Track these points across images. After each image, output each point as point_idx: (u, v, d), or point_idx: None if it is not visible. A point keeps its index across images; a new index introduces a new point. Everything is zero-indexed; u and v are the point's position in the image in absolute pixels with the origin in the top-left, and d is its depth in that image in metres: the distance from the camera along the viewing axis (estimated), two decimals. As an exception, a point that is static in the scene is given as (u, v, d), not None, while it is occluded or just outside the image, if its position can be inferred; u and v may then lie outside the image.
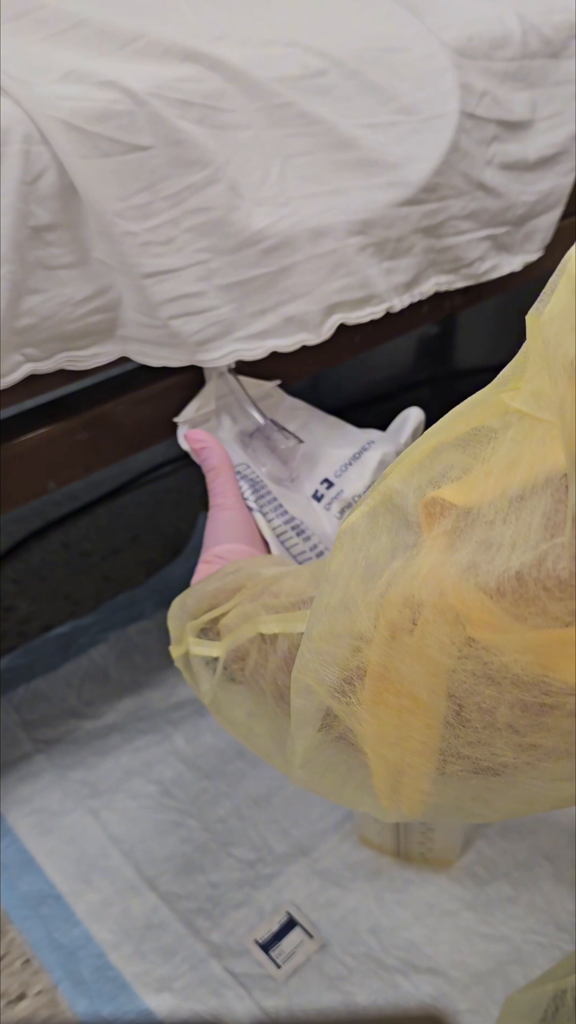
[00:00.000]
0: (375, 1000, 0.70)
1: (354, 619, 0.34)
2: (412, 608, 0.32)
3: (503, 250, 0.74)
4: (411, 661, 0.32)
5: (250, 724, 0.50)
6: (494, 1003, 0.69)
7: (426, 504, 0.32)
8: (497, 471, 0.30)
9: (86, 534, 1.25)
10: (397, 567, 0.33)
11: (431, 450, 0.33)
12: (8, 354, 0.54)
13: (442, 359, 1.68)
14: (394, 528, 0.34)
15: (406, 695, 0.34)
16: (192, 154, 0.54)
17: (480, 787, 0.35)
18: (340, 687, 0.36)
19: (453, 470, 0.32)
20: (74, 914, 0.76)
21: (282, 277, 0.59)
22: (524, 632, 0.28)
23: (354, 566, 0.35)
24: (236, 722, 0.52)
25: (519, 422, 0.30)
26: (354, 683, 0.35)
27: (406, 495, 0.33)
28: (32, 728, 0.93)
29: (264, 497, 0.62)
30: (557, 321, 0.28)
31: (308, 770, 0.43)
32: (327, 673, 0.37)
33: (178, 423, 0.64)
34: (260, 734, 0.49)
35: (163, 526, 1.25)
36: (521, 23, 0.69)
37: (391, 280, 0.65)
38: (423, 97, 0.63)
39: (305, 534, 0.63)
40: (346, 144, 0.60)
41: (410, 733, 0.35)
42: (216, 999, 0.70)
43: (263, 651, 0.46)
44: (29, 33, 0.57)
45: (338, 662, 0.36)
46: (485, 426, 0.31)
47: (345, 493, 0.67)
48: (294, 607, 0.45)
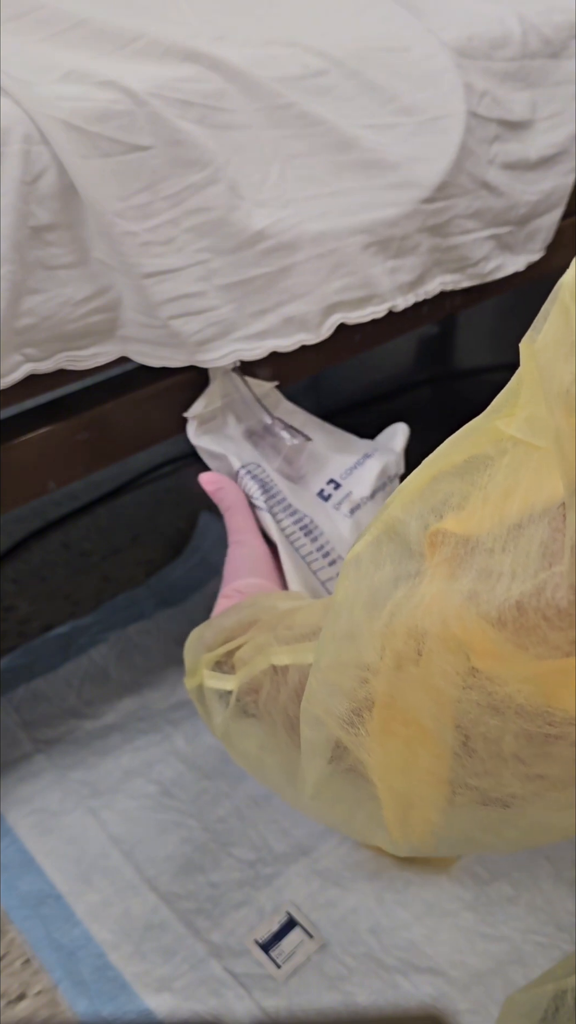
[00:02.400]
0: (375, 1000, 0.70)
1: (360, 649, 0.35)
2: (416, 638, 0.32)
3: (507, 250, 0.74)
4: (417, 691, 0.33)
5: (261, 757, 0.50)
6: (494, 1003, 0.69)
7: (431, 535, 0.32)
8: (494, 499, 0.30)
9: (86, 534, 1.25)
10: (401, 596, 0.33)
11: (430, 479, 0.34)
12: (8, 354, 0.54)
13: (442, 359, 1.68)
14: (397, 557, 0.34)
15: (413, 725, 0.34)
16: (192, 154, 0.54)
17: (490, 818, 0.36)
18: (348, 717, 0.37)
19: (453, 498, 0.32)
20: (74, 914, 0.76)
21: (282, 277, 0.59)
22: (526, 661, 0.28)
23: (359, 595, 0.35)
24: (248, 755, 0.52)
25: (514, 449, 0.30)
26: (362, 713, 0.36)
27: (408, 524, 0.34)
28: (32, 728, 0.93)
29: (274, 497, 0.62)
30: (551, 348, 0.28)
31: (319, 801, 0.43)
32: (335, 703, 0.37)
33: (188, 418, 0.64)
34: (271, 767, 0.49)
35: (163, 526, 1.25)
36: (521, 23, 0.69)
37: (395, 279, 0.65)
38: (423, 98, 0.63)
39: (312, 535, 0.63)
40: (346, 145, 0.60)
41: (418, 763, 0.35)
42: (216, 999, 0.70)
43: (275, 683, 0.46)
44: (29, 33, 0.57)
45: (345, 692, 0.36)
46: (482, 454, 0.32)
47: (354, 494, 0.67)
48: (305, 638, 0.45)
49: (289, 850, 0.80)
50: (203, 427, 0.64)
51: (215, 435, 0.64)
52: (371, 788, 0.38)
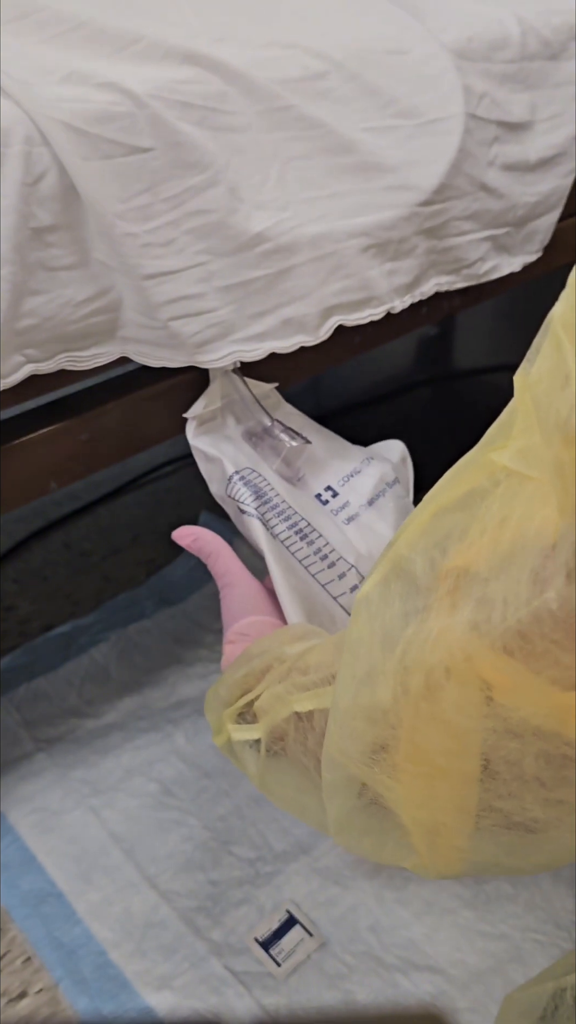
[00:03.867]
0: (375, 998, 0.70)
1: (376, 690, 0.35)
2: (426, 674, 0.32)
3: (503, 251, 0.74)
4: (433, 727, 0.33)
5: (300, 800, 0.50)
6: (493, 1001, 0.69)
7: (442, 573, 0.33)
8: (491, 529, 0.31)
9: (87, 534, 1.25)
10: (410, 634, 0.33)
11: (432, 515, 0.34)
12: (9, 355, 0.54)
13: (441, 360, 1.68)
14: (405, 594, 0.34)
15: (432, 759, 0.34)
16: (192, 156, 0.54)
17: (515, 844, 0.36)
18: (367, 758, 0.37)
19: (455, 531, 0.32)
20: (75, 912, 0.77)
21: (281, 280, 0.59)
22: (539, 687, 0.29)
23: (372, 635, 0.36)
24: (287, 799, 0.52)
25: (507, 479, 0.31)
26: (380, 753, 0.36)
27: (414, 560, 0.34)
28: (33, 727, 0.94)
29: (267, 503, 0.62)
30: (545, 380, 0.29)
31: (345, 835, 0.43)
32: (353, 746, 0.37)
33: (187, 418, 0.64)
34: (311, 807, 0.49)
35: (163, 526, 1.26)
36: (520, 25, 0.69)
37: (393, 281, 0.65)
38: (422, 101, 0.63)
39: (308, 538, 0.63)
40: (345, 148, 0.60)
41: (439, 795, 0.35)
42: (216, 997, 0.70)
43: (300, 729, 0.46)
44: (30, 35, 0.58)
45: (363, 734, 0.37)
46: (479, 486, 0.32)
47: (352, 504, 0.67)
48: (325, 682, 0.45)
49: (289, 849, 0.80)
50: (202, 427, 0.64)
51: (213, 436, 0.64)
52: (396, 818, 0.38)
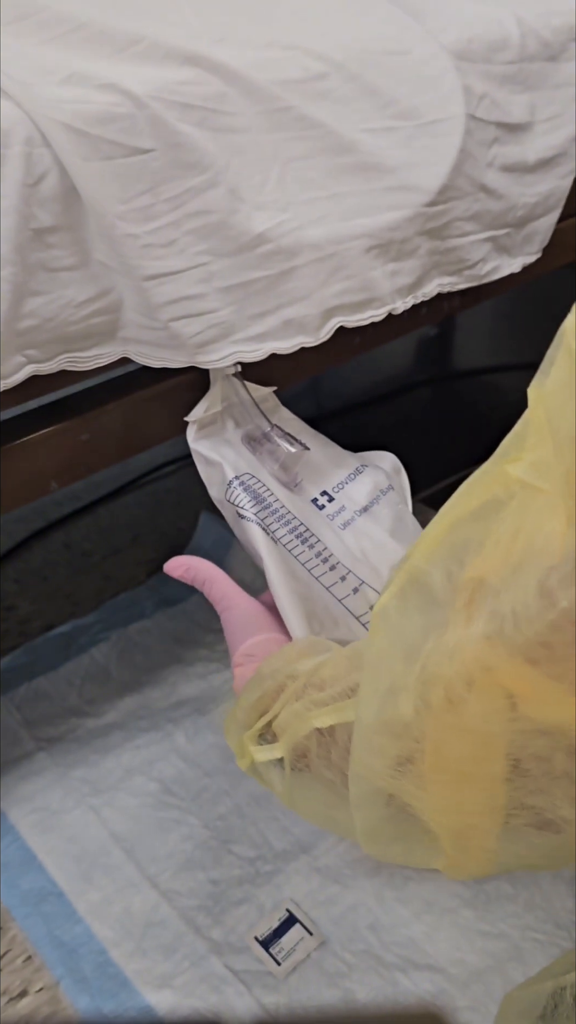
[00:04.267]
0: (374, 997, 0.70)
1: (398, 704, 0.35)
2: (446, 687, 0.33)
3: (503, 252, 0.74)
4: (458, 736, 0.33)
5: (329, 813, 0.50)
6: (493, 1000, 0.69)
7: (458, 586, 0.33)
8: (504, 541, 0.31)
9: (87, 534, 1.26)
10: (429, 647, 0.34)
11: (448, 527, 0.35)
12: (10, 356, 0.54)
13: (441, 360, 1.68)
14: (423, 607, 0.35)
15: (458, 766, 0.34)
16: (192, 157, 0.54)
17: (545, 845, 0.36)
18: (393, 771, 0.37)
19: (472, 543, 0.33)
20: (75, 911, 0.77)
21: (281, 280, 0.59)
22: (562, 693, 0.29)
23: (392, 649, 0.36)
24: (317, 815, 0.52)
25: (521, 491, 0.31)
26: (406, 765, 0.36)
27: (431, 573, 0.34)
28: (33, 726, 0.94)
29: (267, 508, 0.62)
30: (559, 393, 0.29)
31: (374, 844, 0.44)
32: (379, 761, 0.38)
33: (188, 422, 0.64)
34: (340, 820, 0.49)
35: (164, 526, 1.26)
36: (520, 26, 0.69)
37: (395, 282, 0.65)
38: (422, 102, 0.63)
39: (309, 542, 0.63)
40: (345, 149, 0.60)
41: (468, 797, 0.35)
42: (216, 996, 0.70)
43: (323, 744, 0.46)
44: (30, 35, 0.58)
45: (388, 749, 0.37)
46: (494, 498, 0.32)
47: (347, 509, 0.67)
48: (343, 695, 0.46)
49: (289, 847, 0.80)
50: (203, 431, 0.65)
51: (214, 440, 0.64)
52: (424, 824, 0.39)
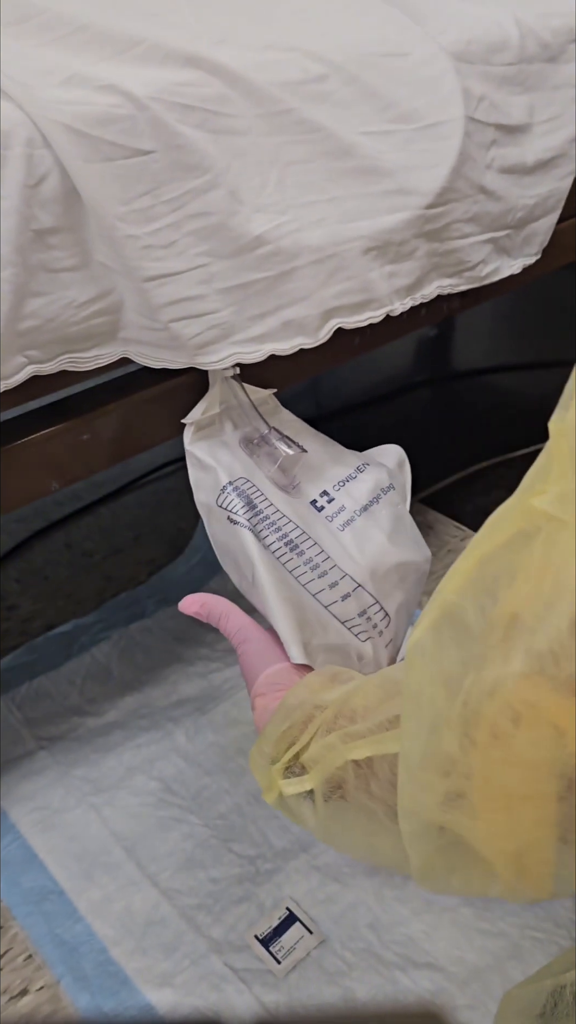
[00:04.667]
0: (374, 995, 0.70)
1: (443, 740, 0.35)
2: (491, 726, 0.33)
3: (503, 253, 0.74)
4: (508, 768, 0.33)
5: (369, 842, 0.49)
6: (492, 999, 0.69)
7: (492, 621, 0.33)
8: (535, 575, 0.31)
9: (88, 534, 1.26)
10: (469, 683, 0.34)
11: (478, 562, 0.35)
12: (11, 356, 0.55)
13: (440, 361, 1.68)
14: (459, 640, 0.35)
15: (510, 792, 0.34)
16: (192, 159, 0.54)
17: None
18: (444, 807, 0.37)
19: (503, 577, 0.33)
20: (76, 910, 0.77)
21: (281, 282, 0.59)
22: None
23: (432, 683, 0.36)
24: (354, 844, 0.52)
25: (548, 524, 0.31)
26: (457, 800, 0.36)
27: (464, 607, 0.35)
28: (35, 726, 0.94)
29: (259, 514, 0.62)
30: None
31: (431, 879, 0.43)
32: (429, 798, 0.38)
33: (186, 424, 0.64)
34: (383, 850, 0.49)
35: (164, 526, 1.26)
36: (519, 27, 0.69)
37: (393, 284, 0.65)
38: (422, 104, 0.64)
39: (299, 549, 0.63)
40: (343, 152, 0.60)
41: (522, 820, 0.35)
42: (217, 994, 0.71)
43: (361, 775, 0.46)
44: (31, 37, 0.58)
45: (437, 786, 0.37)
46: (521, 532, 0.33)
47: (347, 508, 0.67)
48: (380, 728, 0.45)
49: (289, 846, 0.81)
50: (200, 433, 0.64)
51: (210, 443, 0.64)
52: (478, 853, 0.38)
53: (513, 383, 1.55)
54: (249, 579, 0.61)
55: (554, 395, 0.34)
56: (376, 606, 0.64)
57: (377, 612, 0.64)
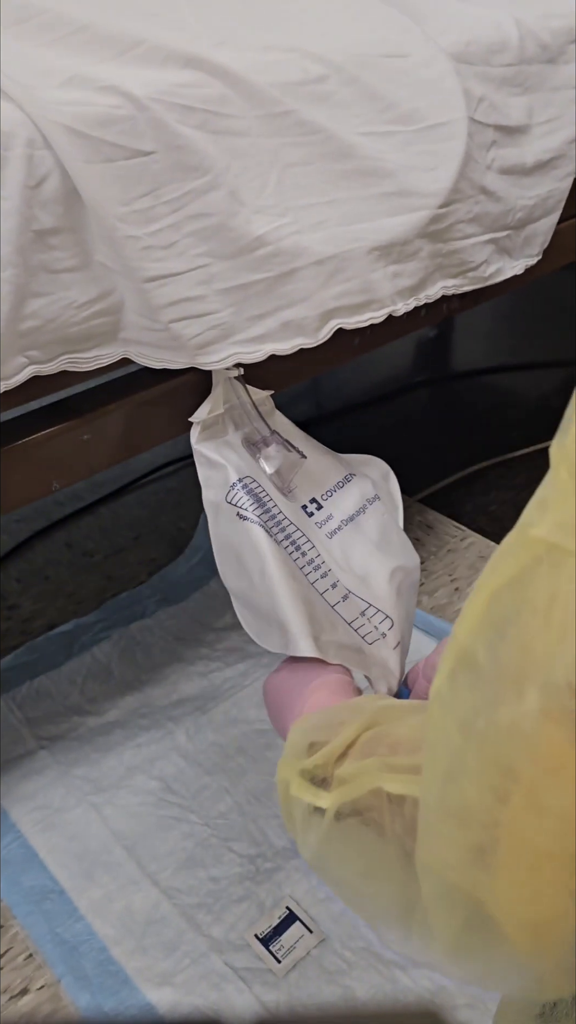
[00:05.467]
0: (374, 994, 0.70)
1: (462, 790, 0.35)
2: (506, 771, 0.32)
3: (505, 253, 0.75)
4: (537, 818, 0.32)
5: (360, 886, 0.48)
6: (491, 998, 0.69)
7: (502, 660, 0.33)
8: (541, 608, 0.31)
9: (89, 533, 1.26)
10: (482, 727, 0.33)
11: (487, 601, 0.34)
12: (12, 356, 0.55)
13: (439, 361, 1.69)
14: (472, 685, 0.34)
15: (535, 847, 0.33)
16: (193, 160, 0.54)
17: None
18: (466, 864, 0.36)
19: (510, 615, 0.32)
20: (76, 909, 0.77)
21: (280, 283, 0.59)
22: None
23: (447, 731, 0.36)
24: (343, 883, 0.50)
25: (549, 554, 0.31)
26: (479, 855, 0.35)
27: (475, 649, 0.34)
28: (35, 725, 0.94)
29: (268, 512, 0.63)
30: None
31: (460, 958, 0.42)
32: (451, 852, 0.37)
33: (192, 422, 0.64)
34: (374, 897, 0.47)
35: (165, 526, 1.26)
36: (519, 29, 0.69)
37: (396, 284, 0.65)
38: (422, 105, 0.64)
39: (302, 548, 0.63)
40: (343, 154, 0.60)
41: (545, 884, 0.34)
42: (217, 993, 0.71)
43: (391, 812, 0.45)
44: (31, 38, 0.58)
45: (457, 838, 0.36)
46: (525, 565, 0.32)
47: (334, 518, 0.68)
48: (417, 770, 0.44)
49: (289, 845, 0.81)
50: (206, 432, 0.65)
51: (216, 442, 0.65)
52: (501, 928, 0.37)
53: (513, 383, 1.56)
54: (255, 576, 0.61)
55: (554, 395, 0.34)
56: (372, 609, 0.64)
57: (375, 615, 0.64)
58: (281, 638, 0.59)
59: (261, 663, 0.99)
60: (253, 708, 0.95)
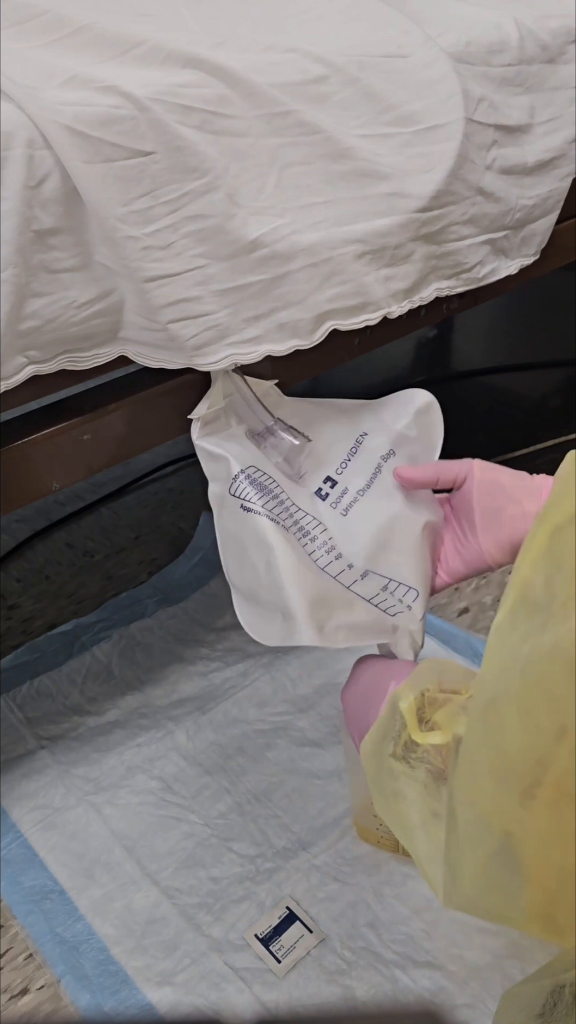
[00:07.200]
0: (374, 994, 0.70)
1: (503, 717, 0.35)
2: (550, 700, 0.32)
3: (501, 254, 0.75)
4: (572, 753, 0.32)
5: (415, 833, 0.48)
6: (491, 997, 0.69)
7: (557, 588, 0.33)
8: None
9: (89, 533, 1.26)
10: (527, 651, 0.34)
11: (549, 535, 0.35)
12: (11, 356, 0.55)
13: (439, 361, 1.69)
14: (528, 615, 0.35)
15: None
16: (192, 161, 0.54)
17: None
18: (503, 796, 0.36)
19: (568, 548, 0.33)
20: (76, 909, 0.77)
21: (276, 285, 0.59)
22: None
23: (498, 661, 0.36)
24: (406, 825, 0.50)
25: None
26: (530, 790, 0.35)
27: (534, 582, 0.35)
28: (35, 725, 0.94)
29: (275, 499, 0.62)
30: None
31: (474, 886, 0.42)
32: (484, 781, 0.37)
33: (192, 419, 0.64)
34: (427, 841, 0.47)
35: (165, 526, 1.26)
36: (518, 28, 0.69)
37: (389, 287, 0.65)
38: (421, 107, 0.64)
39: (311, 535, 0.63)
40: (341, 155, 0.60)
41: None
42: (217, 993, 0.71)
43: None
44: (32, 38, 0.58)
45: (495, 768, 0.36)
46: None
47: (350, 490, 0.67)
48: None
49: (289, 845, 0.81)
50: (207, 428, 0.65)
51: (217, 436, 0.65)
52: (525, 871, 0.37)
53: (512, 383, 1.55)
54: (260, 569, 0.60)
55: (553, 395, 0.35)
56: (394, 583, 0.64)
57: (397, 588, 0.64)
58: (282, 628, 0.58)
59: (261, 663, 0.99)
60: (253, 708, 0.95)
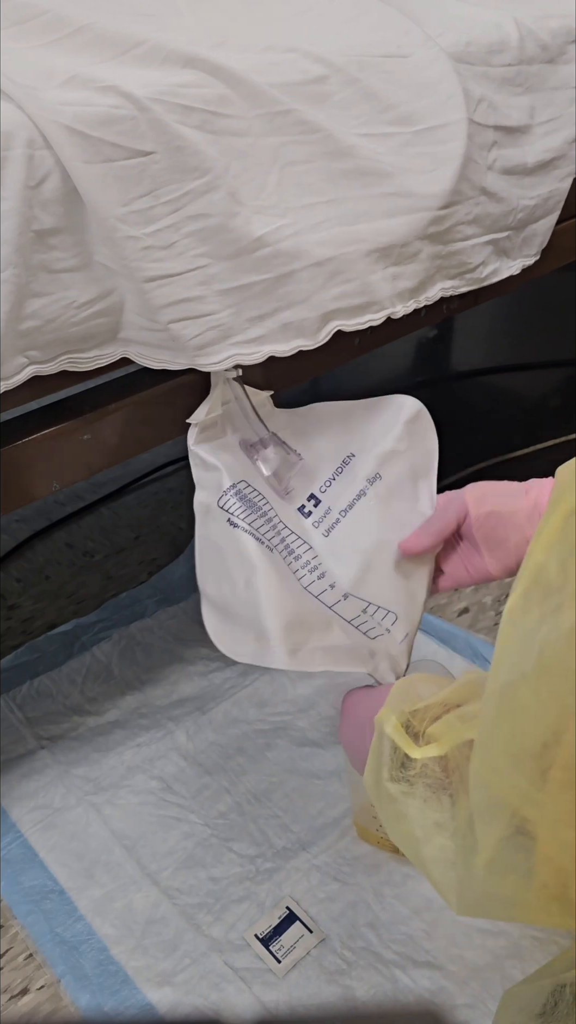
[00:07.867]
0: (374, 994, 0.70)
1: (519, 698, 0.35)
2: (566, 679, 0.32)
3: (503, 254, 0.75)
4: None
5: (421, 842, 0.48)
6: (491, 997, 0.70)
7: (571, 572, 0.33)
8: None
9: (89, 534, 1.26)
10: (544, 633, 0.33)
11: (563, 519, 0.35)
12: (12, 356, 0.55)
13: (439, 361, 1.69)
14: (542, 598, 0.35)
15: None
16: (193, 160, 0.54)
17: None
18: (518, 775, 0.36)
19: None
20: (76, 909, 0.77)
21: (280, 284, 0.59)
22: None
23: (512, 644, 0.36)
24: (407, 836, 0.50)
25: None
26: (529, 761, 0.36)
27: (549, 565, 0.35)
28: (35, 725, 0.94)
29: (262, 516, 0.62)
30: None
31: (493, 872, 0.42)
32: (502, 760, 0.37)
33: (190, 424, 0.64)
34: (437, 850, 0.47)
35: (165, 526, 1.26)
36: (518, 29, 0.69)
37: (396, 286, 0.65)
38: (421, 107, 0.64)
39: (295, 553, 0.63)
40: (342, 154, 0.60)
41: None
42: (217, 993, 0.71)
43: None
44: (32, 39, 0.58)
45: (510, 747, 0.36)
46: None
47: (332, 511, 0.67)
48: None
49: (289, 845, 0.81)
50: (203, 434, 0.64)
51: (213, 444, 0.64)
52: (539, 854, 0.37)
53: (513, 383, 1.56)
54: (239, 585, 0.60)
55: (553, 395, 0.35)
56: (372, 607, 0.64)
57: (377, 611, 0.63)
58: (255, 648, 0.58)
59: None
60: (253, 708, 0.95)
